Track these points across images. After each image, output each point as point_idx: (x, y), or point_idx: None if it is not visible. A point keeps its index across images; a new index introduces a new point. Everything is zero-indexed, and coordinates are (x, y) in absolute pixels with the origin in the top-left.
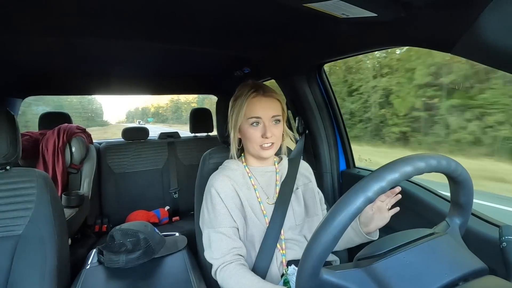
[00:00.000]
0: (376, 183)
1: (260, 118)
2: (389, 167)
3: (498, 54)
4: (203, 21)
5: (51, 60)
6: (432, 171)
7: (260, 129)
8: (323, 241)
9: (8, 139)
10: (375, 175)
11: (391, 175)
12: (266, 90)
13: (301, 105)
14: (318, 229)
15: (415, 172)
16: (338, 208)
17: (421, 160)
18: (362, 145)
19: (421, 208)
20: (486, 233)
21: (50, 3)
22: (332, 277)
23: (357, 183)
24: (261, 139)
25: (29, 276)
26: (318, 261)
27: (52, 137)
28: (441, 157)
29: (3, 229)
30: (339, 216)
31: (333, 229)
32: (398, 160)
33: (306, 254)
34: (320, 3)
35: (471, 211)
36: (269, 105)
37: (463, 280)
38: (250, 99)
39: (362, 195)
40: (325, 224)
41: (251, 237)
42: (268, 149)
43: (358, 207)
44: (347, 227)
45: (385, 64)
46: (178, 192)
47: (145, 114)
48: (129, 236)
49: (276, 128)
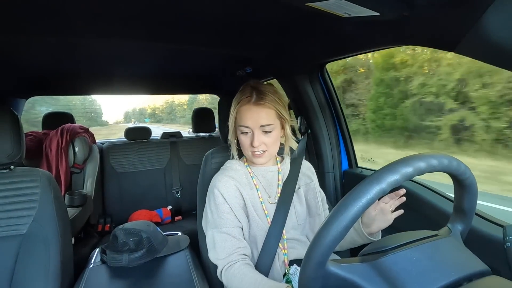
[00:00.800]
0: (390, 175)
1: (249, 127)
2: (389, 167)
3: (501, 52)
4: (205, 21)
5: (54, 61)
6: (437, 171)
7: (249, 137)
8: (334, 229)
9: (12, 139)
10: (387, 168)
11: (405, 168)
12: (259, 97)
13: (303, 105)
14: (329, 218)
15: (420, 171)
16: (352, 197)
17: (421, 160)
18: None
19: (424, 208)
20: (489, 233)
21: (52, 4)
22: (338, 269)
23: (370, 176)
24: (251, 147)
25: (33, 275)
26: (327, 250)
27: (55, 137)
28: (447, 157)
29: (7, 229)
30: (352, 205)
31: (345, 218)
32: (400, 160)
33: (315, 242)
34: (322, 2)
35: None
36: (259, 114)
37: (467, 280)
38: (240, 107)
39: (376, 186)
40: (336, 212)
41: (254, 236)
42: (259, 157)
43: (372, 198)
44: (358, 218)
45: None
46: (181, 192)
47: (142, 114)
48: (132, 236)
49: (266, 137)
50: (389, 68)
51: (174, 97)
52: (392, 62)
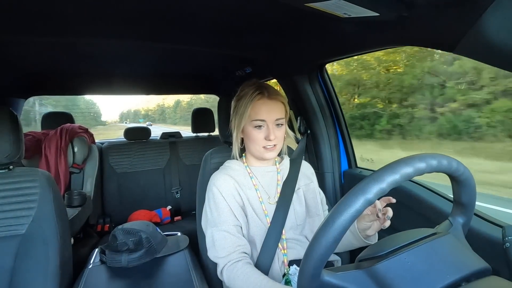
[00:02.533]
0: (376, 184)
1: (264, 121)
2: (390, 167)
3: (501, 53)
4: (205, 21)
5: (54, 60)
6: (433, 171)
7: (263, 132)
8: (323, 242)
9: (11, 139)
10: (379, 174)
11: (394, 175)
12: (271, 92)
13: (303, 105)
14: (318, 231)
15: (416, 172)
16: (338, 210)
17: (421, 160)
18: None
19: (423, 208)
20: (489, 234)
21: (52, 4)
22: (333, 278)
23: (357, 184)
24: (265, 141)
25: (32, 275)
26: (319, 263)
27: (54, 137)
28: (442, 156)
29: (6, 229)
30: (339, 218)
31: (333, 231)
32: (399, 161)
33: (307, 256)
34: (322, 3)
35: (474, 211)
36: (273, 108)
37: (465, 280)
38: (255, 101)
39: (362, 197)
40: (325, 226)
41: (253, 236)
42: (270, 151)
43: (358, 210)
44: (347, 229)
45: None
46: (180, 192)
47: (136, 115)
48: (131, 236)
49: (279, 130)
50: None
51: (164, 101)
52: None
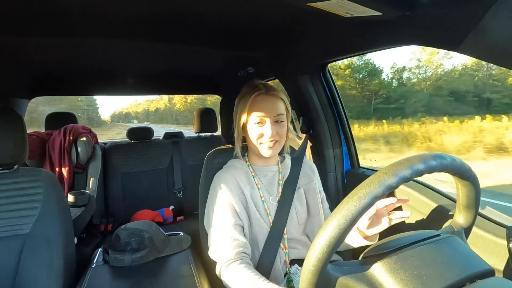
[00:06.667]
0: (389, 178)
1: (263, 117)
2: (402, 163)
3: (504, 52)
4: (207, 21)
5: (57, 61)
6: (441, 171)
7: (263, 128)
8: (331, 233)
9: (15, 139)
10: (385, 171)
11: (404, 171)
12: (270, 89)
13: (305, 105)
14: (327, 221)
15: (426, 170)
16: (348, 202)
17: (431, 159)
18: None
19: (427, 208)
20: (493, 234)
21: (56, 5)
22: (339, 272)
23: (363, 182)
24: (265, 137)
25: (36, 275)
26: (326, 254)
27: (58, 137)
28: (448, 156)
29: (11, 228)
30: (348, 209)
31: (342, 221)
32: (411, 157)
33: (314, 246)
34: (324, 2)
35: (477, 214)
36: (272, 104)
37: (469, 281)
38: (254, 98)
39: (368, 194)
40: (334, 217)
41: (255, 236)
42: (271, 148)
43: (368, 202)
44: (356, 221)
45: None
46: (183, 192)
47: (127, 117)
48: (134, 236)
49: (279, 127)
50: None
51: (149, 105)
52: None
